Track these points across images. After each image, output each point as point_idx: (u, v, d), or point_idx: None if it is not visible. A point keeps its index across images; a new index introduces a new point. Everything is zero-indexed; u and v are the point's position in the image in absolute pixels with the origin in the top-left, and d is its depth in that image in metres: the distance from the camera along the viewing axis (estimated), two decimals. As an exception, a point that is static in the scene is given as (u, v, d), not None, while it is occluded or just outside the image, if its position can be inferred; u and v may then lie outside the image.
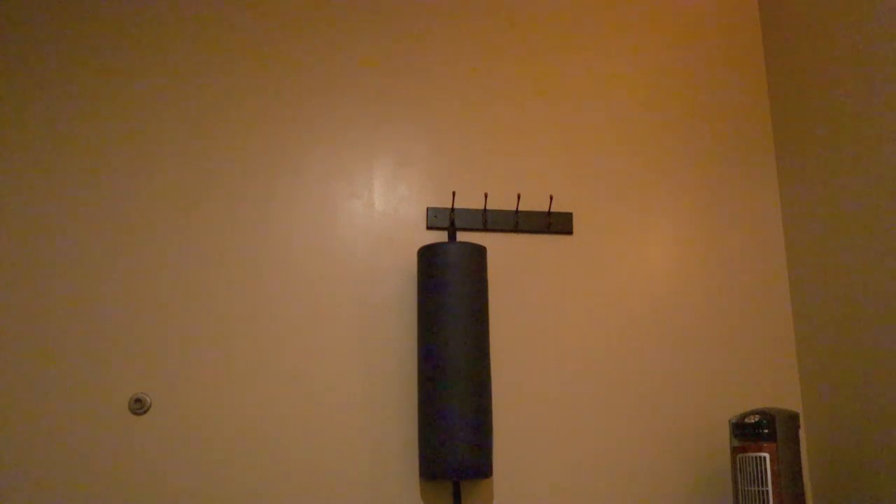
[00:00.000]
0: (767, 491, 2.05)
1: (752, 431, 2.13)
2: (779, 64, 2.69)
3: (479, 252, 2.25)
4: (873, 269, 2.20)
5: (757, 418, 2.13)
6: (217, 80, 2.50)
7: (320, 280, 2.39)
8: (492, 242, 2.48)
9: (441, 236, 2.47)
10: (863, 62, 2.28)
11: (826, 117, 2.43)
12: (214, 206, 2.41)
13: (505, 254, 2.48)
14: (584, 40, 2.70)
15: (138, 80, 2.47)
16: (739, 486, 2.13)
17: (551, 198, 2.48)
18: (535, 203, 2.54)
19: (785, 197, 2.64)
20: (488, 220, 2.48)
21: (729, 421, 2.36)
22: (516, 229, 2.49)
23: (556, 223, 2.52)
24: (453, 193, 2.43)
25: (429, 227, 2.47)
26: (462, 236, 2.47)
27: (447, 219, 2.47)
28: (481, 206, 2.51)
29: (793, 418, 2.11)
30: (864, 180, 2.25)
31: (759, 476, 2.07)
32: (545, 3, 2.71)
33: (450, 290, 2.18)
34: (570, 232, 2.52)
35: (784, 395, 2.50)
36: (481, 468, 2.11)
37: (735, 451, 2.17)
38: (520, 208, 2.52)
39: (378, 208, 2.47)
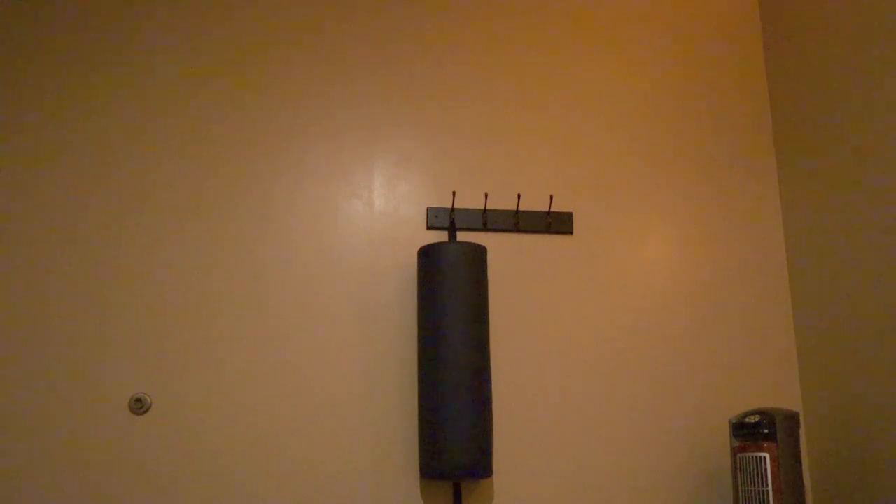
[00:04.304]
0: (767, 491, 2.05)
1: (752, 431, 2.13)
2: (779, 64, 2.69)
3: (479, 252, 2.25)
4: (873, 269, 2.20)
5: (757, 418, 2.13)
6: (217, 81, 2.50)
7: (320, 280, 2.39)
8: (492, 242, 2.48)
9: (441, 236, 2.47)
10: (863, 63, 2.28)
11: (826, 118, 2.43)
12: (214, 206, 2.41)
13: (505, 254, 2.48)
14: (584, 40, 2.70)
15: (138, 80, 2.47)
16: (739, 486, 2.13)
17: (551, 198, 2.48)
18: (535, 203, 2.54)
19: (785, 197, 2.64)
20: (488, 220, 2.48)
21: (729, 421, 2.36)
22: (516, 229, 2.49)
23: (556, 223, 2.52)
24: (453, 193, 2.43)
25: (429, 227, 2.47)
26: (462, 236, 2.47)
27: (447, 219, 2.47)
28: (481, 206, 2.51)
29: (793, 418, 2.11)
30: (864, 180, 2.26)
31: (759, 476, 2.07)
32: (545, 4, 2.71)
33: (450, 289, 2.18)
34: (570, 232, 2.52)
35: (784, 395, 2.50)
36: (481, 468, 2.11)
37: (735, 451, 2.17)
38: (520, 208, 2.52)
39: (378, 208, 2.47)
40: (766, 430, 2.10)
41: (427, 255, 2.24)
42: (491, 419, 2.17)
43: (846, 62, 2.35)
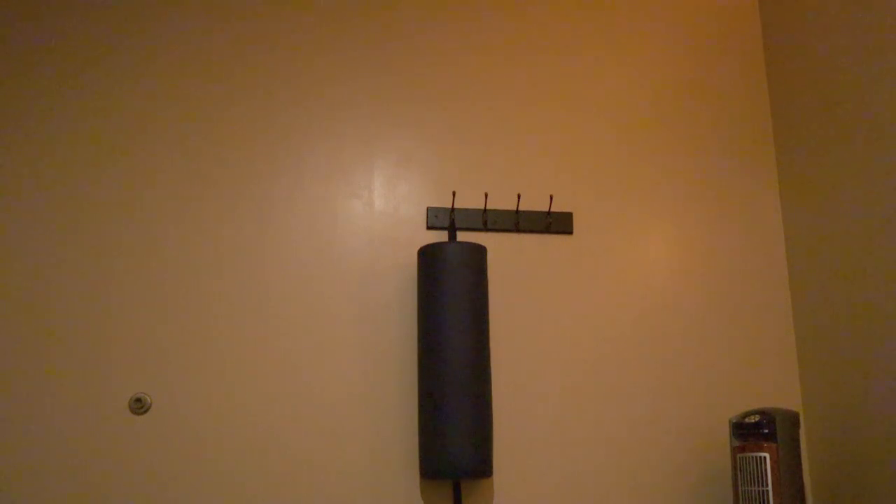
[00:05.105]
0: (767, 491, 2.05)
1: (752, 431, 2.13)
2: (779, 64, 2.69)
3: (479, 252, 2.25)
4: (873, 269, 2.20)
5: (757, 418, 2.13)
6: (217, 81, 2.50)
7: (320, 280, 2.39)
8: (492, 242, 2.48)
9: (441, 236, 2.47)
10: (863, 62, 2.28)
11: (826, 117, 2.43)
12: (215, 206, 2.41)
13: (505, 254, 2.48)
14: (584, 40, 2.70)
15: (138, 80, 2.47)
16: (739, 486, 2.13)
17: (551, 198, 2.48)
18: (535, 203, 2.54)
19: (785, 197, 2.64)
20: (488, 220, 2.48)
21: (729, 421, 2.36)
22: (516, 229, 2.49)
23: (556, 223, 2.52)
24: (453, 193, 2.44)
25: (429, 227, 2.47)
26: (462, 236, 2.47)
27: (447, 219, 2.47)
28: (481, 206, 2.51)
29: (793, 418, 2.11)
30: (864, 180, 2.25)
31: (759, 476, 2.07)
32: (545, 3, 2.71)
33: (450, 289, 2.18)
34: (570, 232, 2.52)
35: (784, 395, 2.50)
36: (481, 468, 2.11)
37: (735, 451, 2.17)
38: (520, 208, 2.52)
39: (378, 208, 2.47)
40: (766, 430, 2.10)
41: (427, 255, 2.24)
42: (491, 419, 2.17)
43: (846, 62, 2.35)
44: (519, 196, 2.47)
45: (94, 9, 2.51)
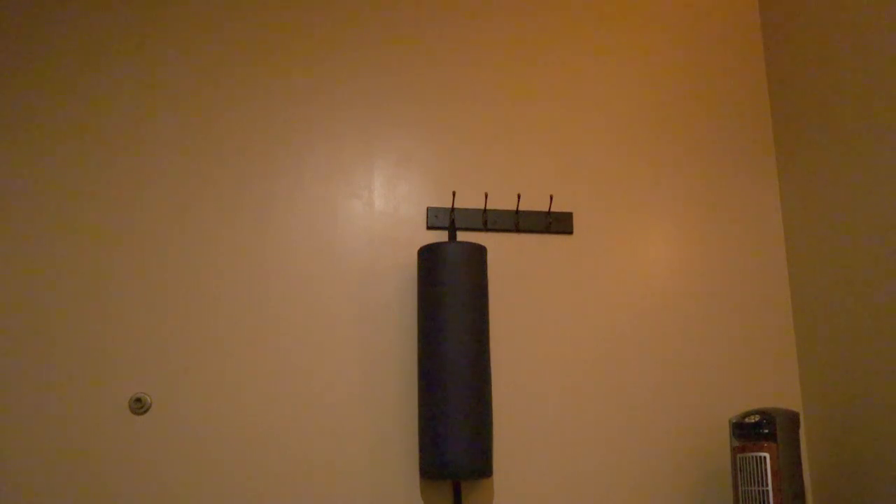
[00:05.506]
0: (767, 491, 2.05)
1: (752, 431, 2.13)
2: (779, 64, 2.69)
3: (479, 252, 2.25)
4: (873, 268, 2.20)
5: (757, 418, 2.13)
6: (217, 81, 2.50)
7: (320, 280, 2.39)
8: (492, 242, 2.48)
9: (441, 236, 2.47)
10: (863, 62, 2.28)
11: (826, 117, 2.43)
12: (215, 206, 2.41)
13: (505, 254, 2.48)
14: (583, 41, 2.70)
15: (138, 80, 2.47)
16: (739, 486, 2.14)
17: (551, 198, 2.48)
18: (535, 203, 2.54)
19: (785, 197, 2.64)
20: (488, 220, 2.48)
21: (729, 421, 2.36)
22: (516, 229, 2.49)
23: (556, 223, 2.52)
24: (453, 193, 2.44)
25: (429, 227, 2.47)
26: (462, 236, 2.47)
27: (447, 219, 2.47)
28: (481, 206, 2.51)
29: (793, 418, 2.11)
30: (864, 180, 2.26)
31: (759, 476, 2.07)
32: (545, 3, 2.71)
33: (450, 290, 2.18)
34: (570, 232, 2.52)
35: (784, 395, 2.50)
36: (481, 468, 2.11)
37: (735, 451, 2.17)
38: (520, 208, 2.52)
39: (378, 208, 2.47)
40: (766, 430, 2.10)
41: (427, 255, 2.24)
42: (491, 419, 2.17)
43: (846, 62, 2.35)
44: (519, 196, 2.47)
45: (94, 9, 2.51)
